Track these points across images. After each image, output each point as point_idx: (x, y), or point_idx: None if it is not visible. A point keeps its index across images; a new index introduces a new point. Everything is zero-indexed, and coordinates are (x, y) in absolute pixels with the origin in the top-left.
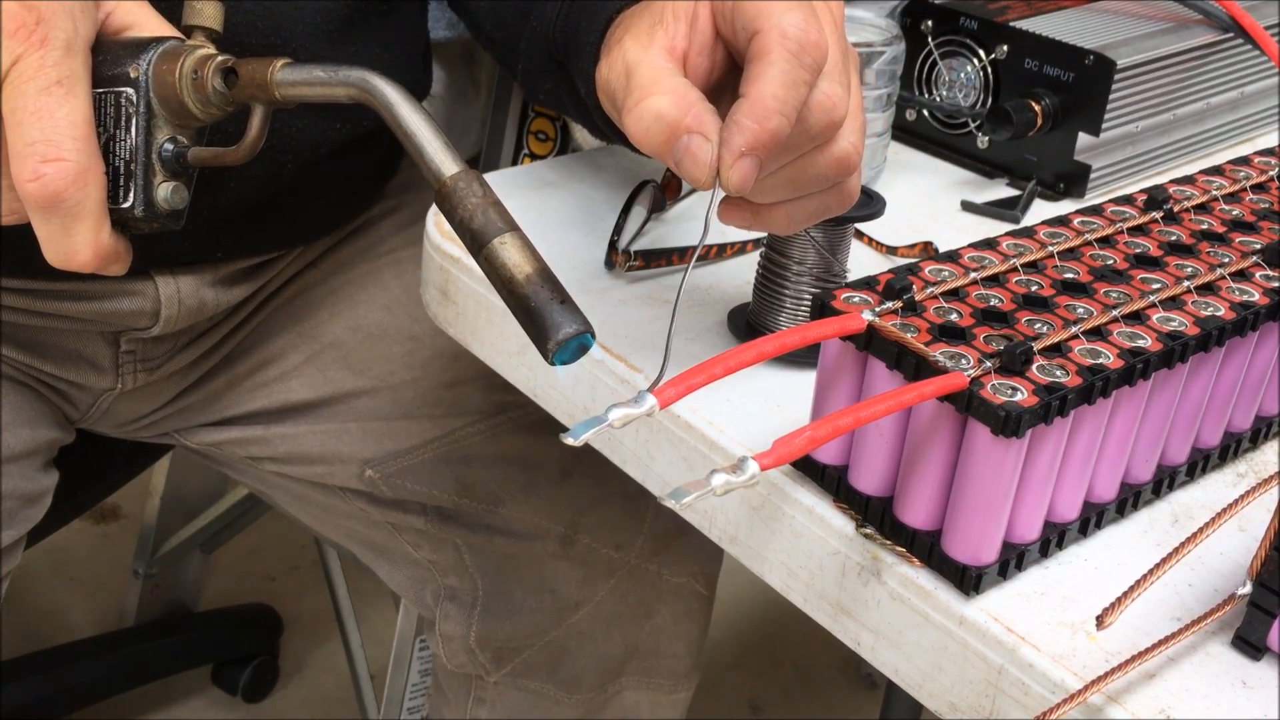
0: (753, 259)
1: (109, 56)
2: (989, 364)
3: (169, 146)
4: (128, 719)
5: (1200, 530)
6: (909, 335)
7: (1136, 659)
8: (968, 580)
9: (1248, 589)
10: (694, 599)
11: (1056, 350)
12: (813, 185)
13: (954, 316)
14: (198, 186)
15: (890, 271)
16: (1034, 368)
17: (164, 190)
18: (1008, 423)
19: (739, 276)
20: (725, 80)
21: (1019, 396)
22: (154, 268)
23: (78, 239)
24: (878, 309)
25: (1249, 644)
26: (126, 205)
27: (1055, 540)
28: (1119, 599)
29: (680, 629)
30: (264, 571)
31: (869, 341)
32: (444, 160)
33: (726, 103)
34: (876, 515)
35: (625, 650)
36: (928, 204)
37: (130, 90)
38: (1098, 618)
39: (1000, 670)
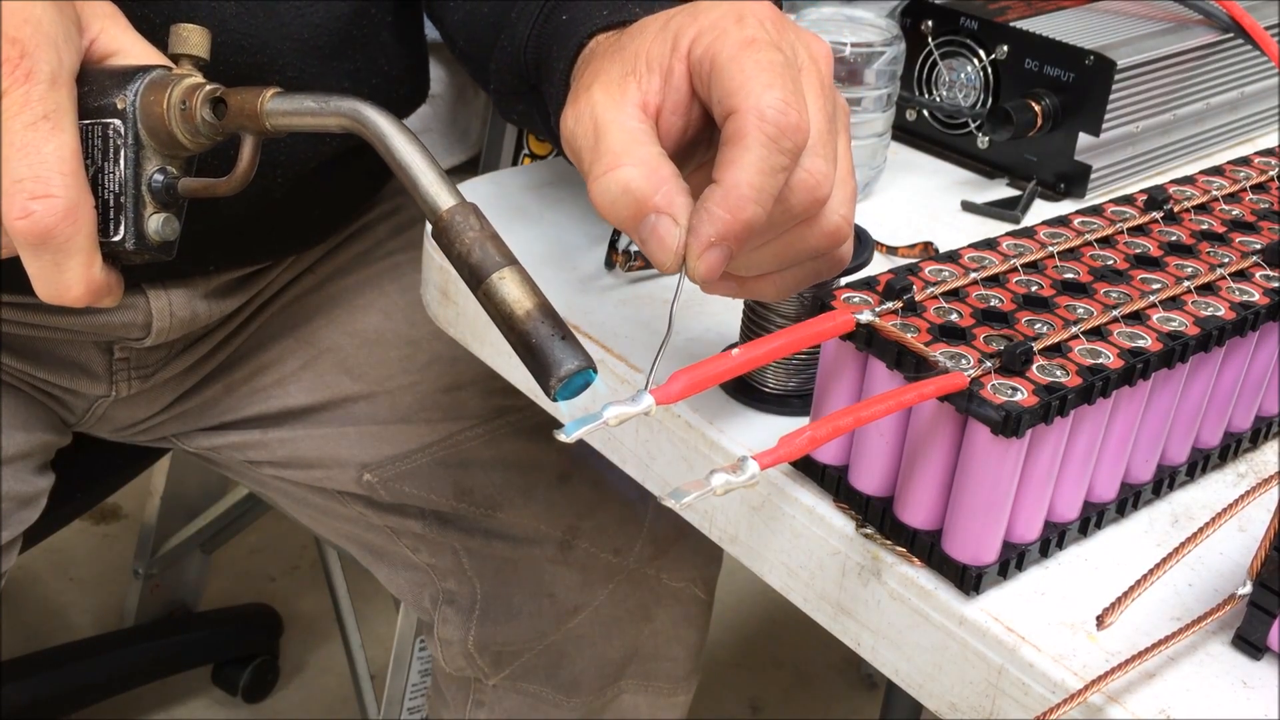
0: None
1: (95, 87)
2: (989, 364)
3: (159, 177)
4: (128, 719)
5: (1200, 530)
6: (909, 335)
7: (1136, 659)
8: (968, 580)
9: (1248, 589)
10: (693, 603)
11: (1056, 350)
12: (802, 257)
13: (954, 316)
14: (189, 205)
15: (890, 271)
16: (1034, 368)
17: (155, 222)
18: (1008, 423)
19: None
20: (700, 137)
21: (1019, 396)
22: (145, 281)
23: (69, 274)
24: (878, 309)
25: (1249, 644)
26: (117, 238)
27: (1055, 540)
28: (1119, 599)
29: (679, 633)
30: (264, 571)
31: (869, 341)
32: (439, 192)
33: (699, 157)
34: (877, 515)
35: (624, 654)
36: (928, 204)
37: (118, 122)
38: (1098, 618)
39: (1000, 670)
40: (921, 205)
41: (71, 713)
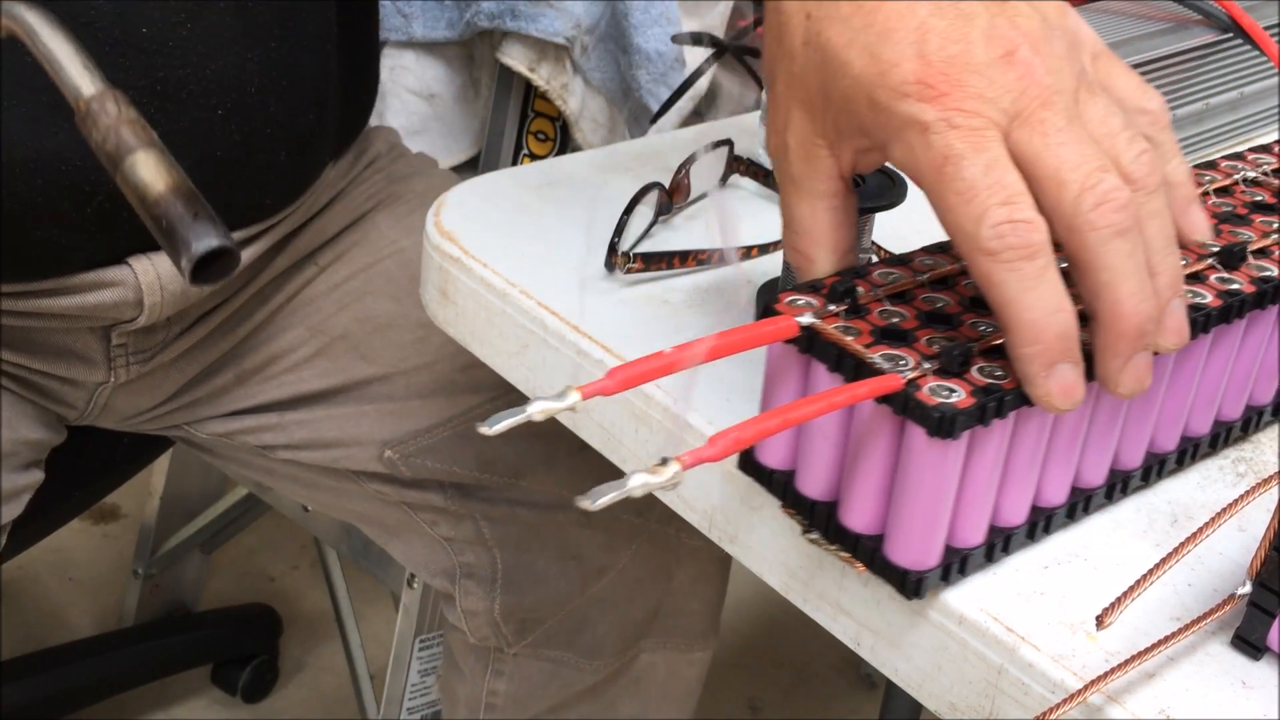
0: (767, 261)
1: None
2: (928, 366)
3: None
4: (128, 719)
5: (1200, 530)
6: (850, 338)
7: (1136, 659)
8: (909, 585)
9: (1247, 589)
10: (711, 561)
11: (998, 352)
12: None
13: (898, 319)
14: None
15: (836, 274)
16: (974, 369)
17: None
18: (942, 424)
19: (748, 276)
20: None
21: (955, 398)
22: (127, 253)
23: None
24: (821, 311)
25: (1249, 644)
26: None
27: (1001, 545)
28: (1119, 599)
29: (697, 589)
30: (264, 571)
31: (810, 344)
32: (82, 80)
33: None
34: (822, 520)
35: (646, 615)
36: (927, 204)
37: None
38: (1097, 618)
39: (1000, 670)
40: (921, 205)
41: (71, 713)
